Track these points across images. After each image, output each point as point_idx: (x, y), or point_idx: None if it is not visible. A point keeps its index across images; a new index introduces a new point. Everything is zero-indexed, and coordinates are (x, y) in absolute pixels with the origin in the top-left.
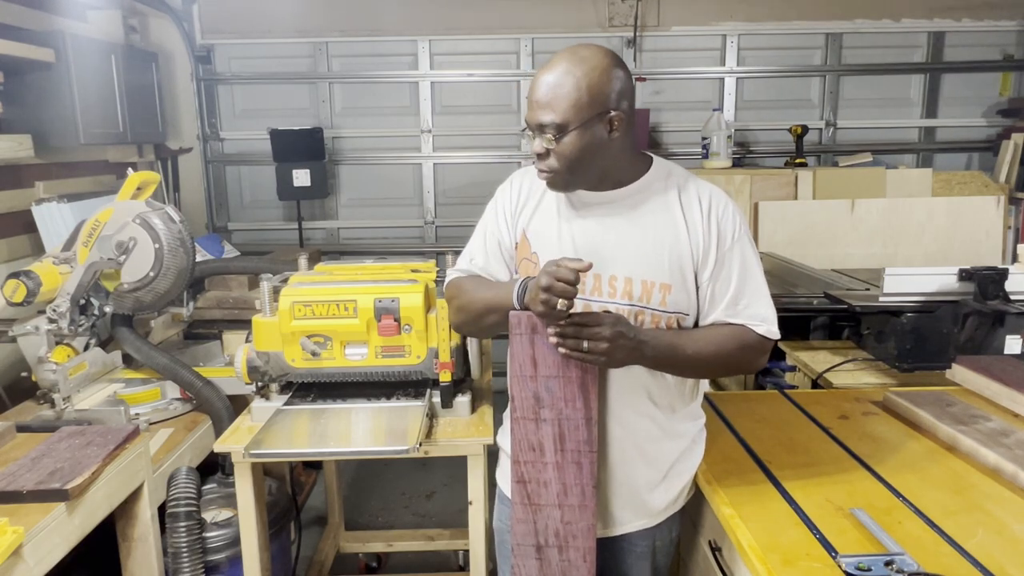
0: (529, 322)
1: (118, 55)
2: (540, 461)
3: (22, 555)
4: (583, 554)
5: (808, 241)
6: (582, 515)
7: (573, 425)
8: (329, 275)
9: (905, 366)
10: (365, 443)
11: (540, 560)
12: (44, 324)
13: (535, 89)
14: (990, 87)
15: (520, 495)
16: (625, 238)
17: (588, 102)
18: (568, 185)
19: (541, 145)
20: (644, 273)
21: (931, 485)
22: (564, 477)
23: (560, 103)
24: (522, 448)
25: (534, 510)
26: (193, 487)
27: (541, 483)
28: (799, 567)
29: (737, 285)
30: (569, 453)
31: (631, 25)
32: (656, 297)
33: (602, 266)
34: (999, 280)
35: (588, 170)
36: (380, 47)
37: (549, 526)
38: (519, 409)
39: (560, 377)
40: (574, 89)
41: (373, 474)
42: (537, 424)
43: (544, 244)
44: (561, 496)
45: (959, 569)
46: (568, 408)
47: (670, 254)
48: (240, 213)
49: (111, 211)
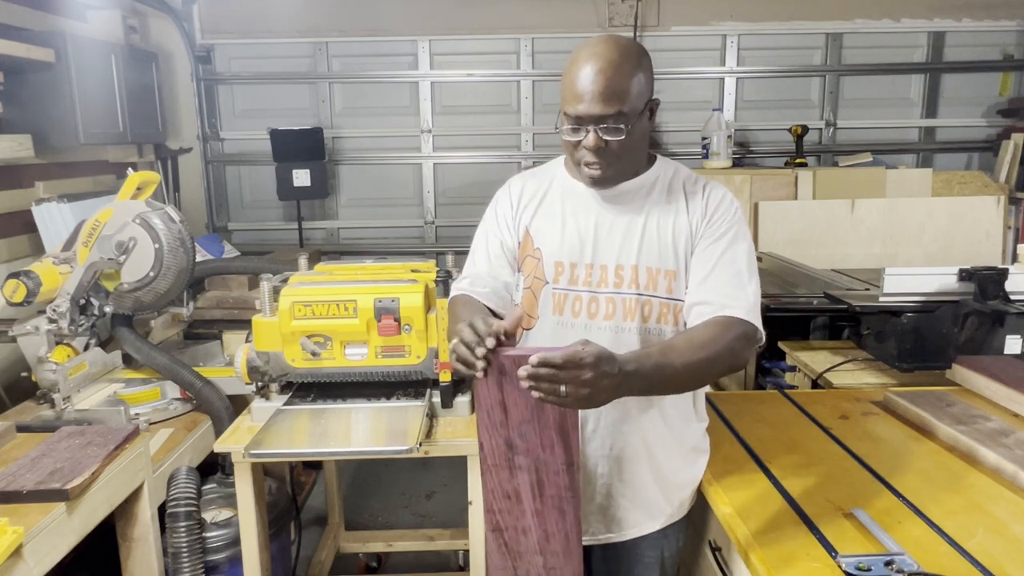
0: (496, 363)
1: (118, 55)
2: (517, 509)
3: (22, 555)
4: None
5: (808, 241)
6: (567, 561)
7: (553, 471)
8: (329, 275)
9: (905, 366)
10: (365, 443)
11: None
12: (44, 324)
13: (589, 81)
14: (990, 87)
15: (497, 543)
16: (631, 228)
17: (644, 90)
18: (617, 178)
19: (599, 139)
20: (649, 260)
21: (931, 485)
22: (546, 524)
23: (626, 92)
24: (496, 496)
25: (514, 557)
26: (193, 487)
27: (519, 530)
28: (799, 567)
29: (719, 263)
30: (549, 499)
31: (631, 25)
32: (662, 284)
33: (608, 257)
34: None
35: (634, 160)
36: (380, 47)
37: (531, 572)
38: (490, 457)
39: (534, 422)
40: (632, 78)
41: (373, 474)
42: (511, 472)
43: (547, 240)
44: (543, 542)
45: (959, 569)
46: (546, 453)
47: (674, 240)
48: (240, 213)
49: (111, 211)
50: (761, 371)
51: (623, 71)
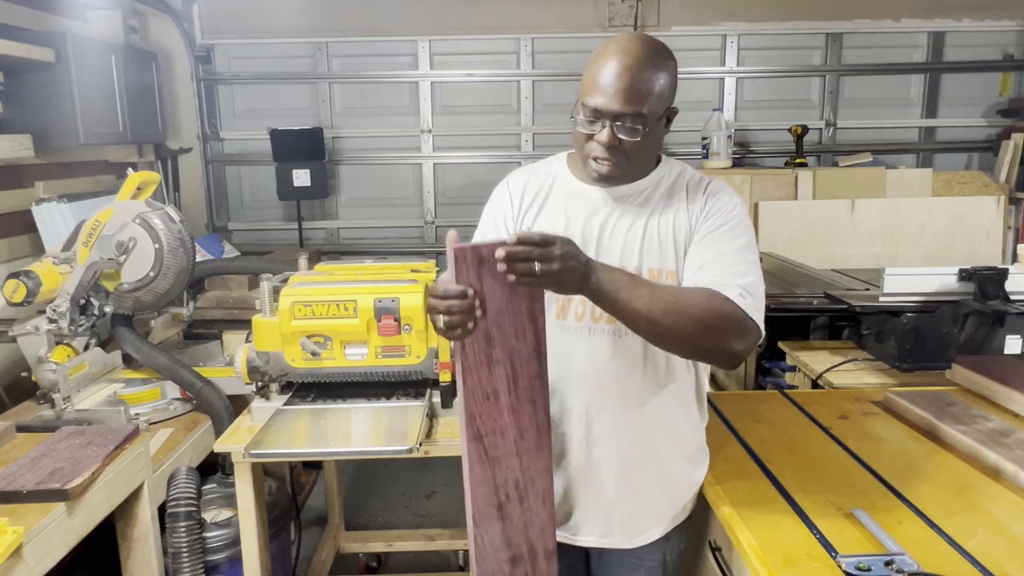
0: (475, 255)
1: (118, 55)
2: (495, 409)
3: (22, 555)
4: (542, 498)
5: (808, 241)
6: (539, 456)
7: (524, 359)
8: (329, 275)
9: (905, 366)
10: (365, 443)
11: (502, 520)
12: (44, 324)
13: (614, 75)
14: (990, 87)
15: (477, 453)
16: (634, 229)
17: (667, 96)
18: (624, 178)
19: (613, 135)
20: (651, 261)
21: (931, 485)
22: (520, 420)
23: (648, 94)
24: (476, 399)
25: (492, 465)
26: (193, 487)
27: (498, 432)
28: (799, 567)
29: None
30: (523, 391)
31: (631, 25)
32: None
33: (610, 259)
34: (999, 280)
35: (645, 162)
36: (380, 47)
37: (508, 479)
38: (470, 356)
39: (509, 311)
40: (659, 81)
41: (373, 474)
42: (490, 368)
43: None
44: (518, 441)
45: (959, 569)
46: (519, 342)
47: (674, 238)
48: (240, 213)
49: (111, 211)
50: (761, 371)
51: (649, 72)
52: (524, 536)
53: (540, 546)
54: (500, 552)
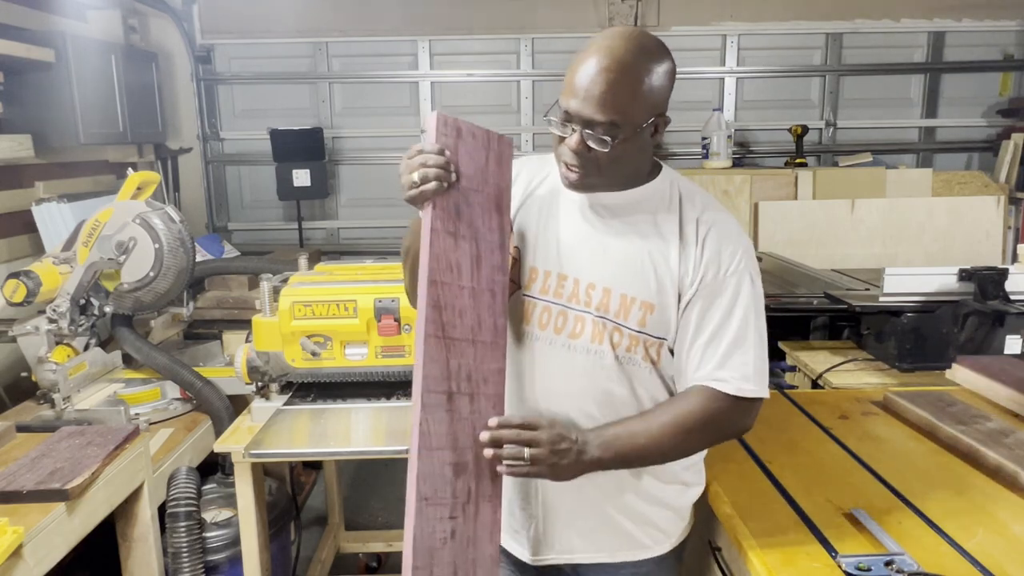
0: (455, 123)
1: (118, 55)
2: (456, 284)
3: (22, 555)
4: (493, 403)
5: (808, 241)
6: (493, 356)
7: (488, 246)
8: (329, 275)
9: (905, 366)
10: (365, 443)
11: (450, 412)
12: (44, 324)
13: (589, 78)
14: (990, 87)
15: (435, 324)
16: (610, 246)
17: (651, 104)
18: (594, 187)
19: (582, 142)
20: (625, 287)
21: (931, 485)
22: (479, 307)
23: (622, 101)
24: (440, 265)
25: (448, 344)
26: (193, 487)
27: (456, 311)
28: (799, 567)
29: (719, 324)
30: (484, 279)
31: (631, 25)
32: (635, 315)
33: (581, 271)
34: (999, 280)
35: (623, 174)
36: (380, 47)
37: (462, 367)
38: (438, 220)
39: (480, 192)
40: (640, 88)
41: (373, 474)
42: (456, 241)
43: (526, 240)
44: (475, 330)
45: (959, 569)
46: (485, 228)
47: (656, 271)
48: (240, 213)
49: (111, 211)
50: None
51: (631, 78)
52: (470, 442)
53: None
54: (444, 452)
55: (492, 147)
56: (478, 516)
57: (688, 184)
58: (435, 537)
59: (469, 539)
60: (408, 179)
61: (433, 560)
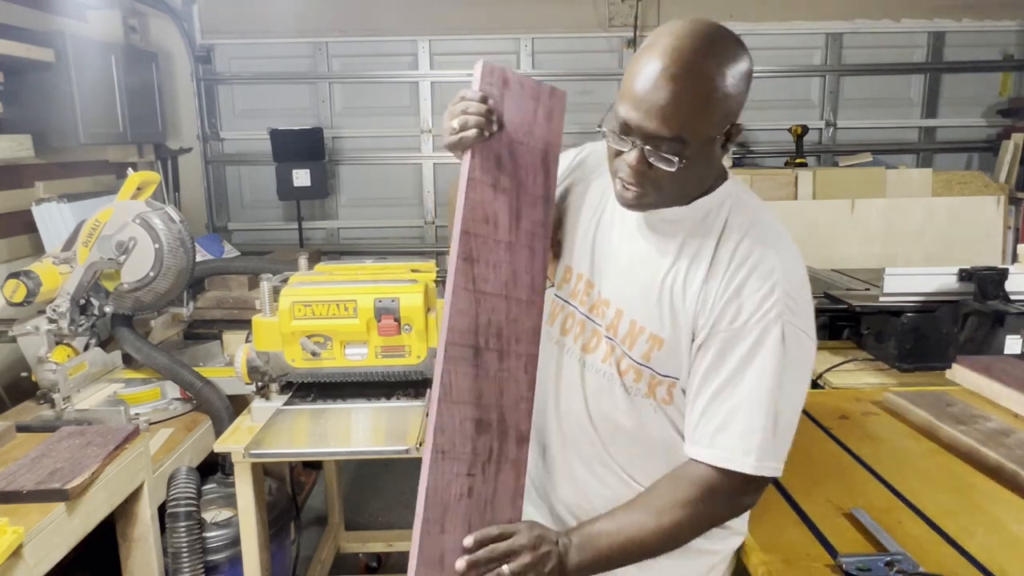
0: (502, 74)
1: (118, 55)
2: (493, 238)
3: (22, 555)
4: (524, 365)
5: (808, 241)
6: (528, 314)
7: (530, 201)
8: (329, 275)
9: (905, 366)
10: (365, 443)
11: (476, 367)
12: (44, 324)
13: (651, 85)
14: (990, 87)
15: (465, 277)
16: (636, 264)
17: (724, 113)
18: (653, 207)
19: (642, 159)
20: (635, 312)
21: (931, 485)
22: (515, 263)
23: (691, 114)
24: (475, 217)
25: (478, 298)
26: (193, 487)
27: (490, 264)
28: (799, 567)
29: (727, 380)
30: (524, 234)
31: (631, 25)
32: (640, 347)
33: (604, 283)
34: (999, 280)
35: (685, 191)
36: (380, 47)
37: (492, 322)
38: (476, 169)
39: (524, 145)
40: (713, 96)
41: (373, 474)
42: (495, 191)
43: (568, 233)
44: (510, 285)
45: (959, 569)
46: (528, 181)
47: (673, 303)
48: (240, 213)
49: (111, 211)
50: None
51: (702, 85)
52: (496, 401)
53: (512, 422)
54: (466, 407)
55: (542, 100)
56: (499, 477)
57: (748, 203)
58: (450, 492)
59: (488, 500)
60: (448, 125)
61: (446, 514)
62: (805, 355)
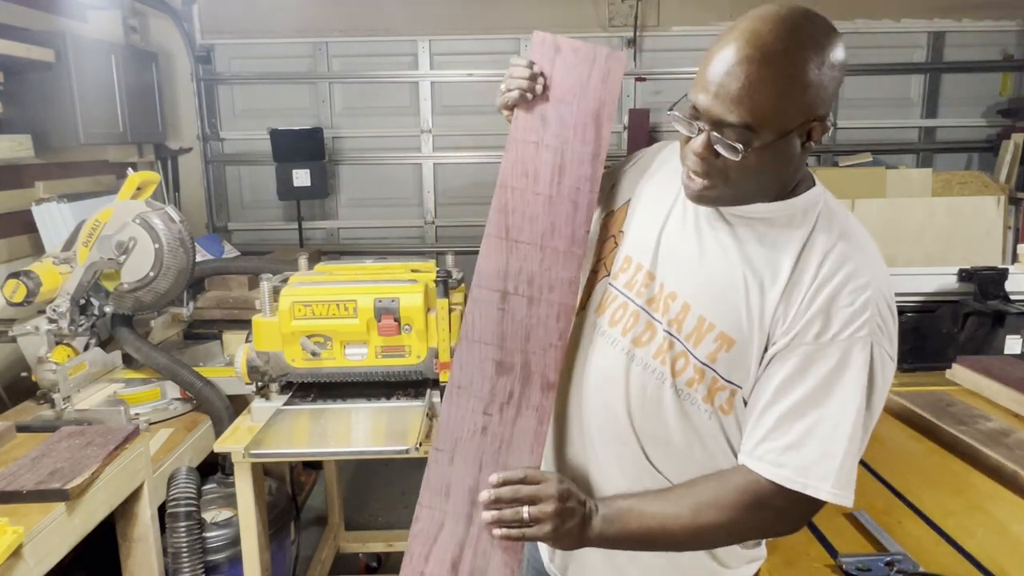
0: (554, 42)
1: (118, 55)
2: (531, 191)
3: (22, 555)
4: (557, 314)
5: None
6: (566, 264)
7: (577, 158)
8: (329, 275)
9: (905, 366)
10: (365, 443)
11: (502, 311)
12: (44, 324)
13: (724, 69)
14: (990, 87)
15: (497, 226)
16: (708, 258)
17: (803, 105)
18: (720, 202)
19: (708, 146)
20: (705, 308)
21: (931, 485)
22: (554, 215)
23: (762, 101)
24: (514, 172)
25: (510, 247)
26: (193, 487)
27: (526, 216)
28: (799, 567)
29: (807, 396)
30: (567, 189)
31: (631, 25)
32: (707, 346)
33: (668, 276)
34: (999, 280)
35: (758, 188)
36: (380, 47)
37: (524, 269)
38: (519, 129)
39: (574, 105)
40: (789, 84)
41: (373, 474)
42: (537, 148)
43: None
44: (547, 236)
45: (959, 569)
46: (576, 140)
47: (748, 304)
48: (240, 213)
49: (111, 211)
50: None
51: (777, 71)
52: (522, 345)
53: (538, 369)
54: (487, 348)
55: (598, 62)
56: (518, 421)
57: (837, 211)
58: (463, 426)
59: (505, 442)
60: (501, 88)
61: (456, 447)
62: (888, 378)
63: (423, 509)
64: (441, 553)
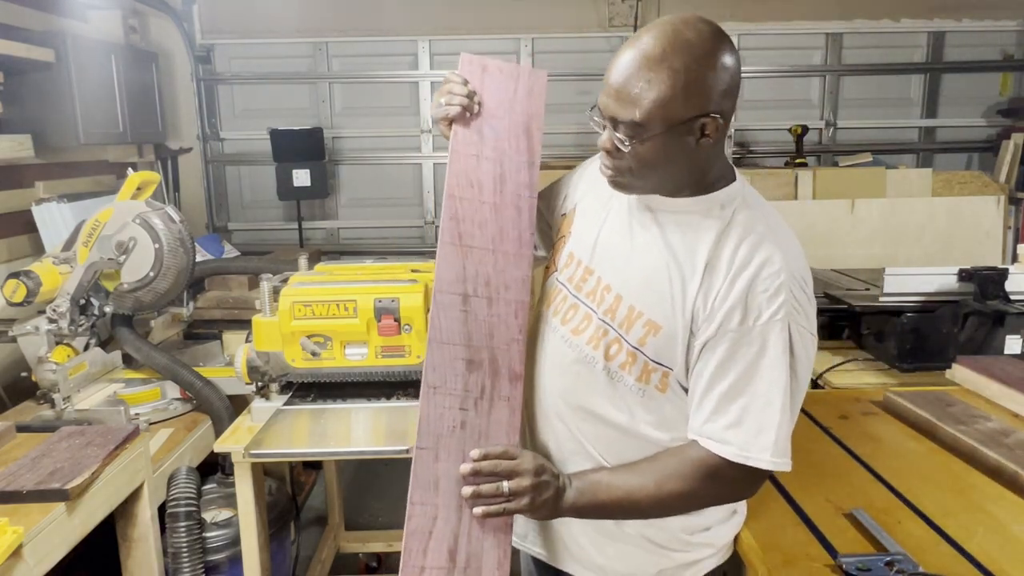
0: (480, 62)
1: (118, 55)
2: (477, 199)
3: (22, 555)
4: (515, 311)
5: (808, 241)
6: (517, 265)
7: (515, 167)
8: (329, 275)
9: (905, 366)
10: (365, 443)
11: (465, 312)
12: (44, 324)
13: (614, 70)
14: (990, 87)
15: (451, 234)
16: (637, 253)
17: (682, 103)
18: (634, 190)
19: (610, 141)
20: (635, 299)
21: (931, 485)
22: (501, 220)
23: (645, 99)
24: (460, 182)
25: (464, 252)
26: (193, 487)
27: (476, 223)
28: (799, 567)
29: (739, 378)
30: (509, 196)
31: (631, 25)
32: (636, 332)
33: (604, 270)
34: (999, 280)
35: (663, 179)
36: (380, 47)
37: (480, 272)
38: (459, 144)
39: (505, 118)
40: (666, 85)
41: (373, 474)
42: (478, 160)
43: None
44: (496, 240)
45: (959, 569)
46: (511, 150)
47: (672, 294)
48: (240, 213)
49: (111, 211)
50: None
51: (657, 72)
52: (487, 342)
53: (504, 362)
54: (456, 348)
55: (522, 79)
56: (492, 413)
57: (753, 203)
58: (443, 424)
59: (481, 433)
60: (436, 102)
61: (439, 444)
62: (810, 352)
63: (415, 507)
64: (438, 545)
